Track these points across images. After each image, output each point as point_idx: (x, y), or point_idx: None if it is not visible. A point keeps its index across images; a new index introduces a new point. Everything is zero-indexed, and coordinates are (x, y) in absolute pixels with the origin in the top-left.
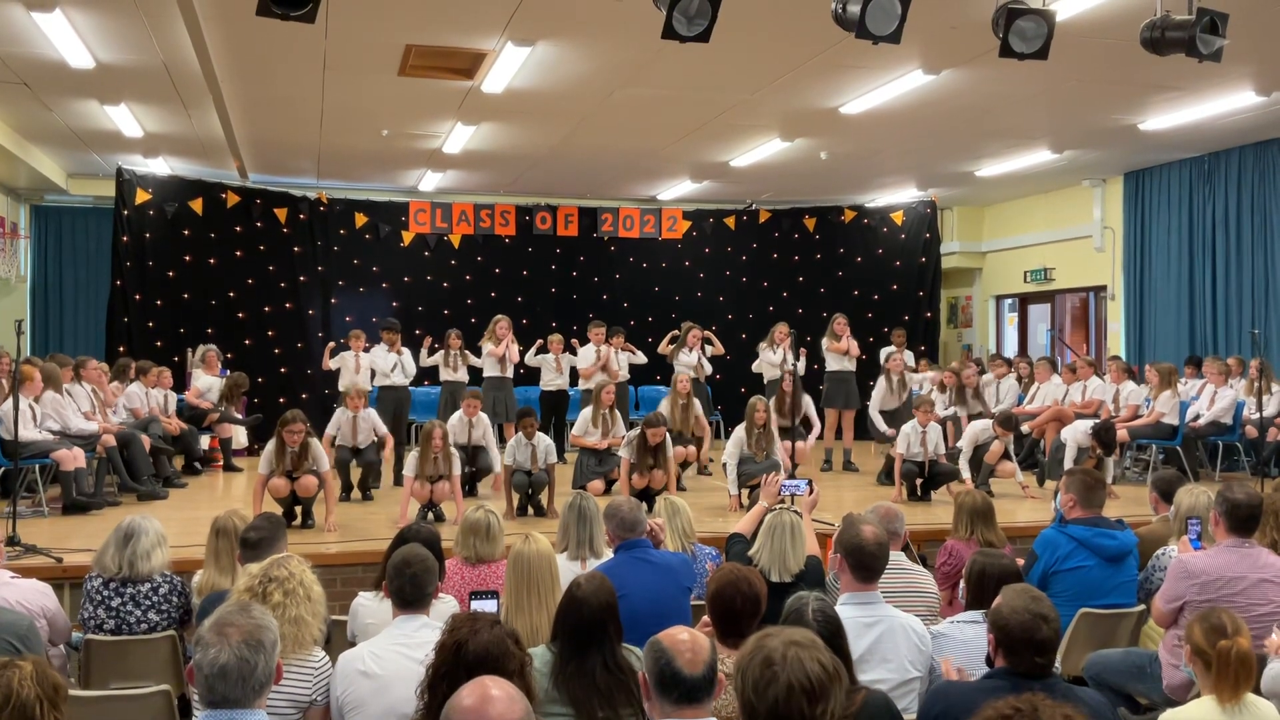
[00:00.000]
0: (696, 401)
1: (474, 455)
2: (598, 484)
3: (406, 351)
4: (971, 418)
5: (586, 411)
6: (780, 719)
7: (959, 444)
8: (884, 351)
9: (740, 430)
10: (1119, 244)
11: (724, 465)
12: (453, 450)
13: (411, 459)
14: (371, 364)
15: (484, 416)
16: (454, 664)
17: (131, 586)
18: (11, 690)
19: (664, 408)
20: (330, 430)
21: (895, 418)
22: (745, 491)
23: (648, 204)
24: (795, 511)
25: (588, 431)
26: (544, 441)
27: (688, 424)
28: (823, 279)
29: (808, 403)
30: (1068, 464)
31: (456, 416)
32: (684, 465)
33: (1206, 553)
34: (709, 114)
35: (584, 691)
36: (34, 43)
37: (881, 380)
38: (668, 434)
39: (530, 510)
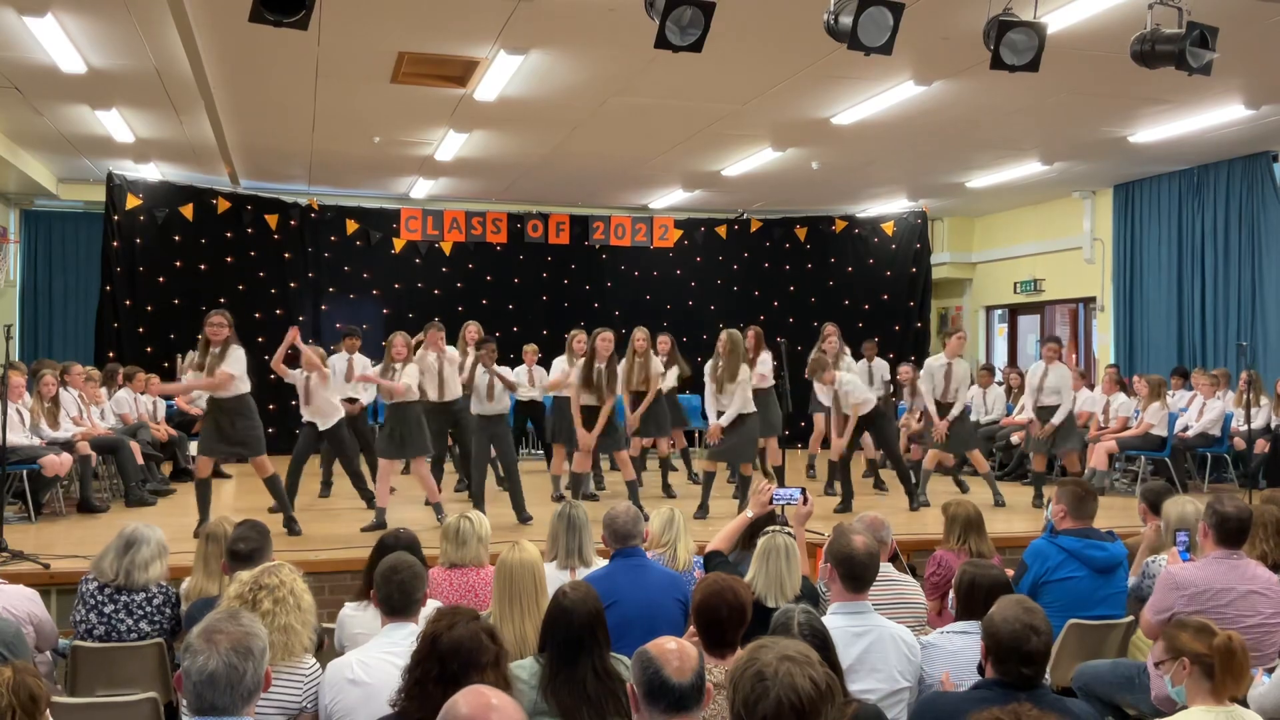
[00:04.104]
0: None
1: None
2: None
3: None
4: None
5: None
6: None
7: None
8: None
9: (709, 365)
10: (1108, 256)
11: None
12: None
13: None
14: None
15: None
16: (429, 654)
17: (126, 595)
18: None
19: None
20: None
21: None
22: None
23: (639, 212)
24: (788, 533)
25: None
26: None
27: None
28: (814, 289)
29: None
30: None
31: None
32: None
33: (1195, 564)
34: (701, 123)
35: (574, 700)
36: (25, 46)
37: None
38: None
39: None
